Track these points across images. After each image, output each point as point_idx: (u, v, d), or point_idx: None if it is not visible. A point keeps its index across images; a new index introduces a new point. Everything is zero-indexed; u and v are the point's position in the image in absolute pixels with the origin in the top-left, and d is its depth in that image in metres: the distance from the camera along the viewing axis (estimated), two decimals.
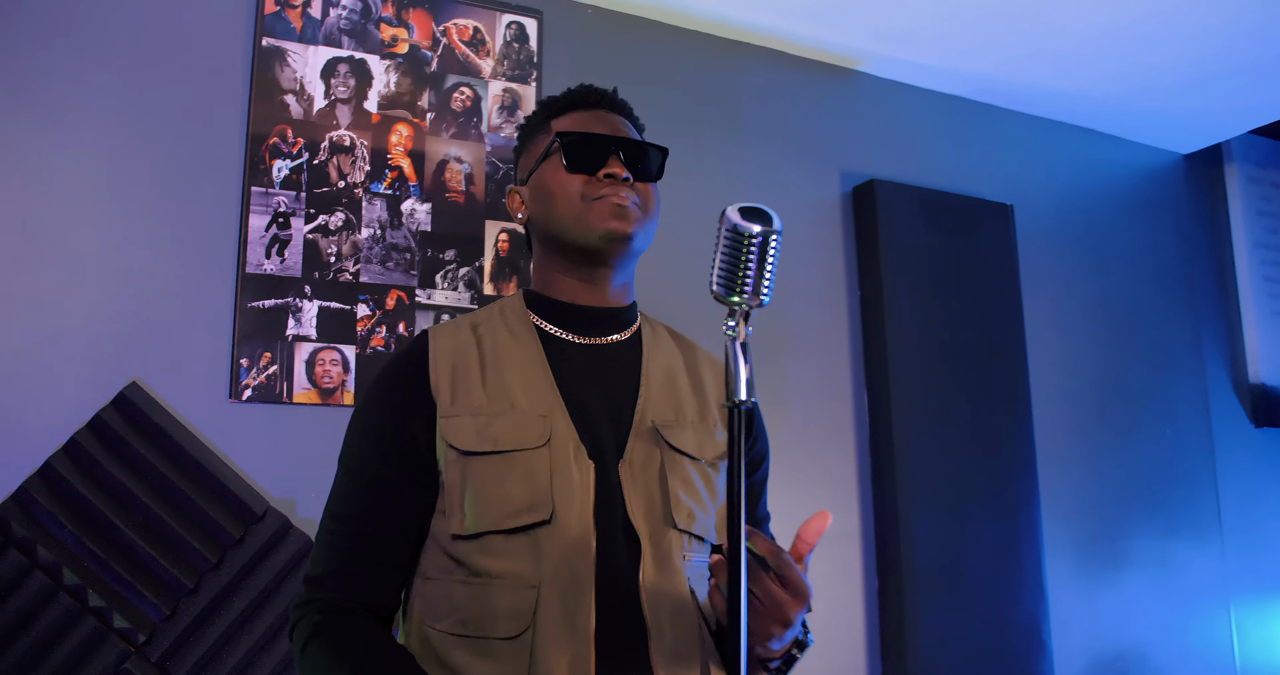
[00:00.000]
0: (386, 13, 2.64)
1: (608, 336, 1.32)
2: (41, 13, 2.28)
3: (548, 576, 1.15)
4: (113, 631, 2.11)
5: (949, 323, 3.29)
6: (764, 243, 0.98)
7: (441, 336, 1.28)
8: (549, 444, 1.20)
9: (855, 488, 3.16)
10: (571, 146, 1.28)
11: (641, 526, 1.19)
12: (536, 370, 1.26)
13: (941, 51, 3.28)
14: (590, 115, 1.34)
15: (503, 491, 1.17)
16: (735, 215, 0.98)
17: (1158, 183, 4.05)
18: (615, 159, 1.27)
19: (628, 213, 1.25)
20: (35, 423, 2.13)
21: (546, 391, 1.24)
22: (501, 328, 1.31)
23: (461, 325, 1.31)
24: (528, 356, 1.27)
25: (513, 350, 1.27)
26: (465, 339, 1.28)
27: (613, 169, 1.26)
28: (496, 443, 1.19)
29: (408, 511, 1.22)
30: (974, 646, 3.11)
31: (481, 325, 1.31)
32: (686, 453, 1.27)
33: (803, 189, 3.26)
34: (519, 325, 1.31)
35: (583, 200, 1.26)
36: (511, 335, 1.29)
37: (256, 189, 2.41)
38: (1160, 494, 3.77)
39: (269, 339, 2.37)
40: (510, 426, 1.20)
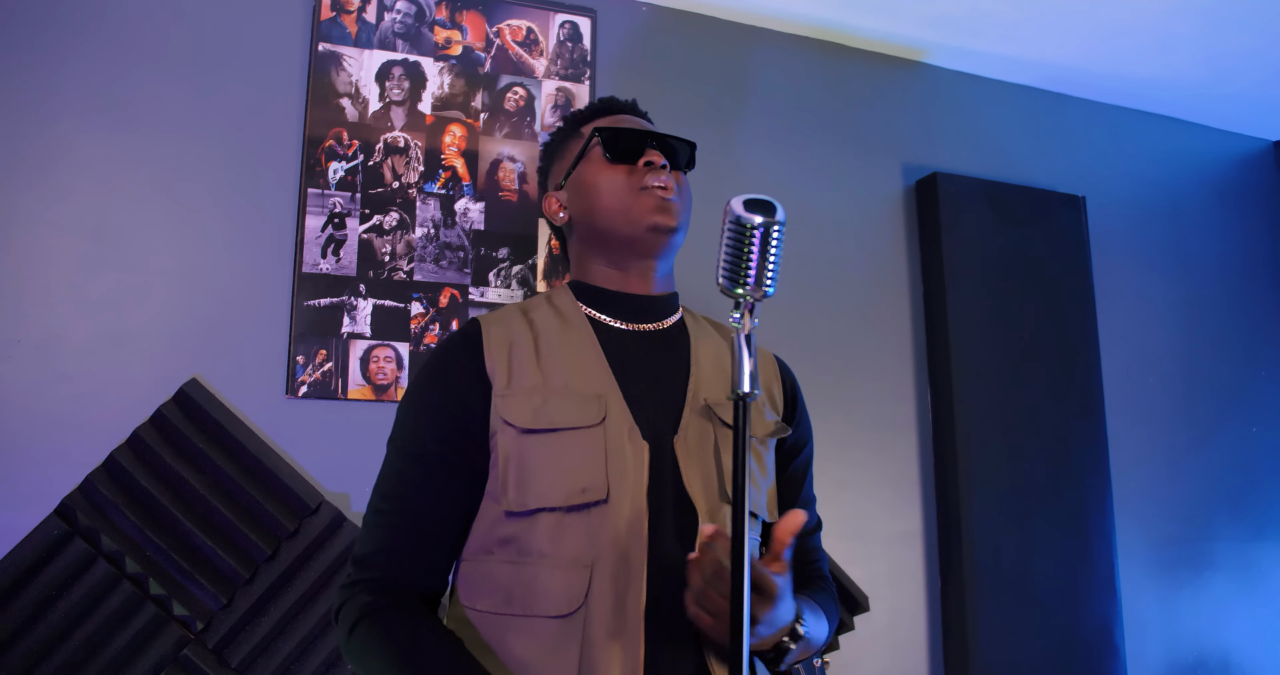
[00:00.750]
0: (440, 15, 2.65)
1: (656, 323, 1.35)
2: (109, 27, 2.35)
3: (601, 556, 1.15)
4: (172, 618, 2.17)
5: (1016, 318, 3.18)
6: (766, 233, 0.96)
7: (494, 322, 1.30)
8: (603, 423, 1.21)
9: (918, 487, 3.07)
10: (610, 139, 1.33)
11: (700, 502, 1.20)
12: (589, 353, 1.27)
13: (1008, 39, 3.17)
14: (617, 119, 1.41)
15: (559, 469, 1.18)
16: (738, 206, 0.96)
17: (1246, 171, 3.85)
18: (652, 149, 1.32)
19: (670, 206, 1.30)
20: (100, 417, 2.20)
21: (600, 373, 1.25)
22: (552, 315, 1.33)
23: (512, 312, 1.33)
24: (580, 340, 1.29)
25: (565, 335, 1.29)
26: (518, 324, 1.30)
27: (651, 157, 1.31)
28: (552, 421, 1.20)
29: (459, 492, 1.22)
30: (1041, 650, 2.99)
31: (532, 312, 1.34)
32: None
33: (864, 183, 3.18)
34: (570, 312, 1.33)
35: (628, 192, 1.30)
36: (562, 321, 1.31)
37: (313, 191, 2.45)
38: (1247, 494, 3.58)
39: (325, 336, 2.41)
40: (565, 406, 1.21)
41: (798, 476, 1.44)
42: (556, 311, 1.33)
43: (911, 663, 2.97)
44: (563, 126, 1.46)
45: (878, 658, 2.91)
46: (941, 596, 3.02)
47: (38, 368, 2.19)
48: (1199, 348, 3.60)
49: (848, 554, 2.90)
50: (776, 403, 1.40)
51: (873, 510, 3.00)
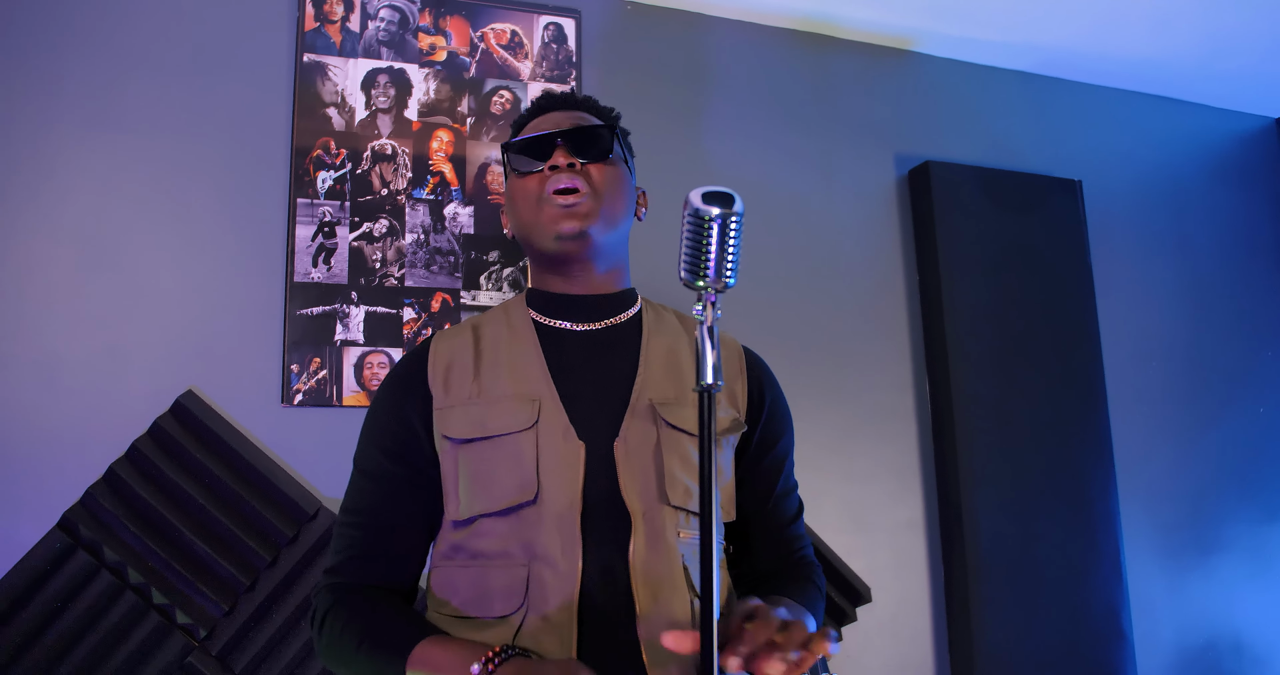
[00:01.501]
0: (424, 22, 2.65)
1: (604, 321, 1.34)
2: (96, 39, 2.36)
3: (536, 555, 1.17)
4: (176, 627, 2.19)
5: (1013, 305, 3.15)
6: (724, 224, 0.95)
7: (442, 339, 1.33)
8: (536, 426, 1.22)
9: (918, 477, 3.06)
10: (514, 151, 1.30)
11: (635, 504, 1.19)
12: (529, 358, 1.28)
13: (998, 24, 3.13)
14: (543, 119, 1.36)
15: (492, 475, 1.21)
16: (696, 199, 0.96)
17: (1247, 149, 3.79)
18: (559, 149, 1.28)
19: (575, 211, 1.26)
20: (98, 431, 2.22)
21: (537, 377, 1.26)
22: (502, 326, 1.33)
23: (464, 327, 1.35)
24: (522, 347, 1.30)
25: (510, 343, 1.30)
26: (464, 339, 1.32)
27: (555, 160, 1.27)
28: (484, 428, 1.22)
29: (414, 503, 1.27)
30: (1047, 637, 2.97)
31: (484, 325, 1.34)
32: (685, 430, 1.26)
33: (857, 175, 3.16)
34: (518, 321, 1.33)
35: (535, 203, 1.28)
36: (510, 330, 1.32)
37: (302, 200, 2.46)
38: (1255, 475, 3.54)
39: (318, 345, 2.42)
40: (499, 412, 1.23)
41: (774, 469, 1.40)
42: (508, 322, 1.34)
43: (916, 652, 2.95)
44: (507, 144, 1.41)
45: (882, 648, 2.90)
46: (945, 585, 3.00)
47: (35, 383, 2.22)
48: (1202, 330, 3.55)
49: (850, 545, 2.89)
50: (738, 399, 1.37)
51: (874, 500, 2.99)
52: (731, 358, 1.40)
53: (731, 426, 1.33)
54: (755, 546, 1.40)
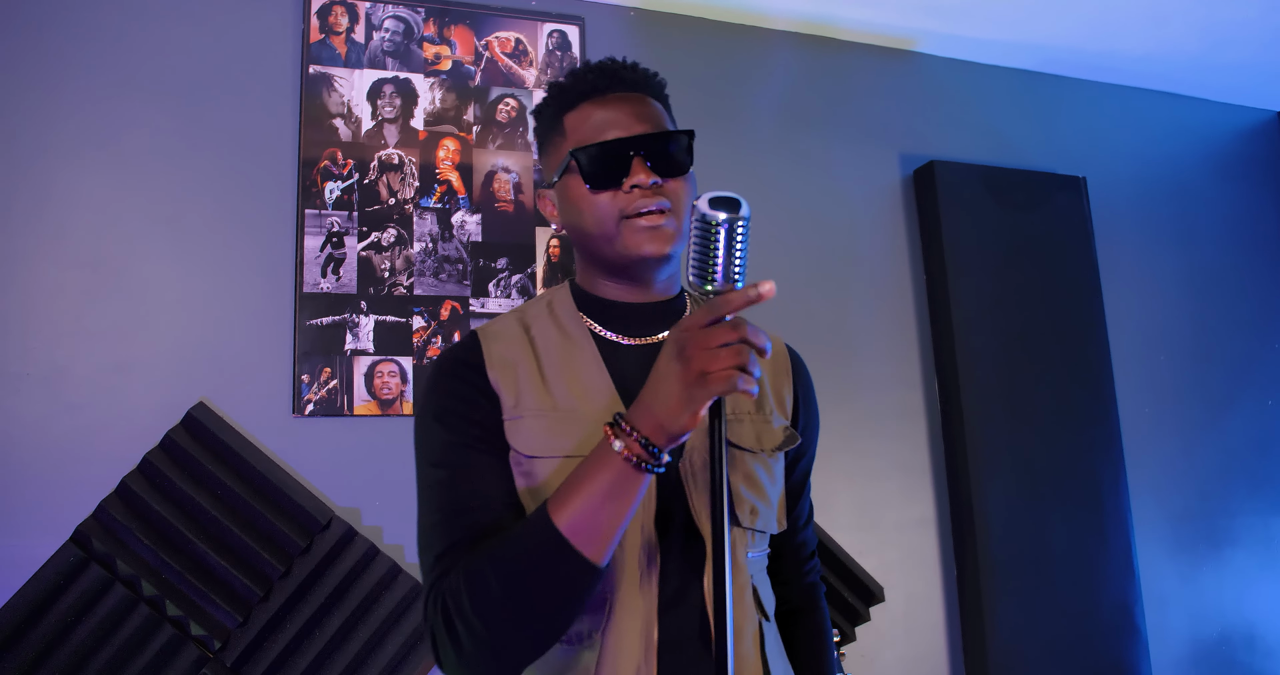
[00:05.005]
0: (429, 32, 2.56)
1: (658, 334, 1.20)
2: (100, 60, 2.29)
3: (616, 588, 1.07)
4: (190, 639, 2.11)
5: (1020, 302, 3.04)
6: (730, 229, 0.91)
7: (493, 338, 1.17)
8: None
9: (929, 474, 2.95)
10: (589, 162, 1.11)
11: (705, 528, 1.09)
12: (595, 373, 1.15)
13: (1001, 24, 3.02)
14: (604, 106, 1.15)
15: None
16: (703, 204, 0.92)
17: (1249, 143, 3.66)
18: (639, 162, 1.10)
19: (661, 233, 1.10)
20: (110, 445, 2.15)
21: (607, 395, 1.13)
22: (552, 327, 1.19)
23: (512, 325, 1.19)
24: (584, 359, 1.16)
25: (568, 351, 1.17)
26: (519, 340, 1.17)
27: (637, 178, 1.09)
28: (563, 448, 1.09)
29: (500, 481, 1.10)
30: (1059, 631, 2.87)
31: (534, 326, 1.19)
32: (745, 447, 1.16)
33: (862, 175, 3.05)
34: (571, 325, 1.19)
35: (613, 221, 1.11)
36: (564, 335, 1.18)
37: (310, 211, 2.38)
38: (1263, 468, 3.42)
39: (328, 355, 2.34)
40: (574, 431, 1.10)
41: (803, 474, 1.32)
42: (557, 323, 1.19)
43: (929, 649, 2.85)
44: (544, 108, 1.22)
45: (895, 646, 2.80)
46: (957, 582, 2.90)
47: (47, 399, 2.14)
48: (1208, 323, 3.43)
49: (861, 543, 2.79)
50: (785, 405, 1.26)
51: (885, 498, 2.89)
52: (778, 358, 1.28)
53: (785, 440, 1.22)
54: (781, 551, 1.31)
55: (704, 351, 0.87)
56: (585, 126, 1.14)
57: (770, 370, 1.26)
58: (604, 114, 1.14)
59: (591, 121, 1.14)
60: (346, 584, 2.24)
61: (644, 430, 0.92)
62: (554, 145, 1.19)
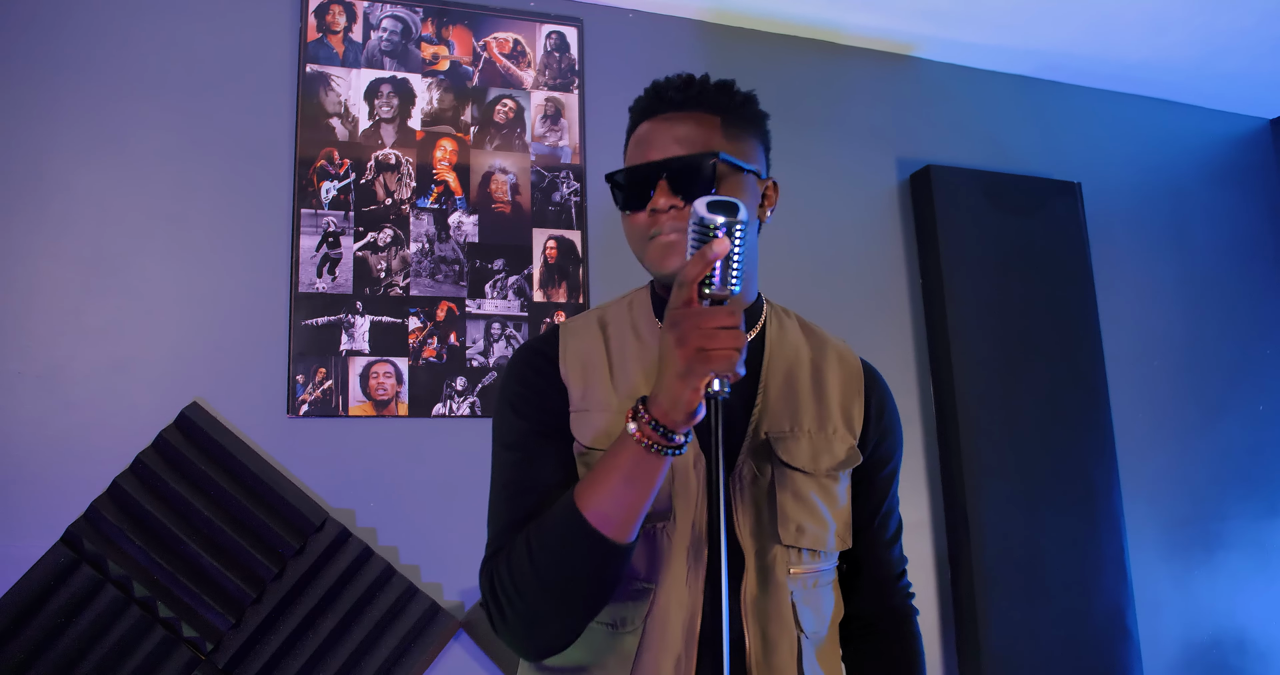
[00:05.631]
0: (427, 32, 2.53)
1: None
2: (96, 59, 2.25)
3: (661, 580, 1.10)
4: (182, 640, 2.07)
5: (1016, 307, 3.02)
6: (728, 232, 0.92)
7: (572, 334, 1.23)
8: None
9: (923, 479, 2.93)
10: (619, 188, 1.17)
11: (747, 542, 1.13)
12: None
13: (998, 30, 3.00)
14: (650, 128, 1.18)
15: None
16: (701, 208, 0.92)
17: (1243, 150, 3.65)
18: (662, 186, 1.12)
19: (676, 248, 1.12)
20: (103, 444, 2.11)
21: None
22: (629, 329, 1.23)
23: (591, 323, 1.25)
24: (653, 359, 1.19)
25: (639, 351, 1.20)
26: (594, 338, 1.22)
27: (657, 202, 1.12)
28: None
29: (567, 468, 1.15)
30: (1053, 635, 2.84)
31: (611, 325, 1.24)
32: (798, 468, 1.17)
33: (860, 179, 3.03)
34: (645, 328, 1.23)
35: (641, 241, 1.15)
36: (638, 337, 1.22)
37: (306, 211, 2.34)
38: (1256, 472, 3.40)
39: (324, 355, 2.31)
40: None
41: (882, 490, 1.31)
42: (634, 325, 1.23)
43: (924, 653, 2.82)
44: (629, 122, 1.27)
45: None
46: (952, 586, 2.87)
47: (40, 398, 2.10)
48: (1202, 328, 3.42)
49: None
50: (853, 422, 1.26)
51: None
52: (851, 374, 1.29)
53: (847, 459, 1.22)
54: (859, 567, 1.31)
55: (700, 331, 0.91)
56: (633, 148, 1.20)
57: (840, 385, 1.27)
58: (650, 135, 1.17)
59: (638, 143, 1.19)
60: (340, 586, 2.20)
61: (654, 413, 0.95)
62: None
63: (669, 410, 0.94)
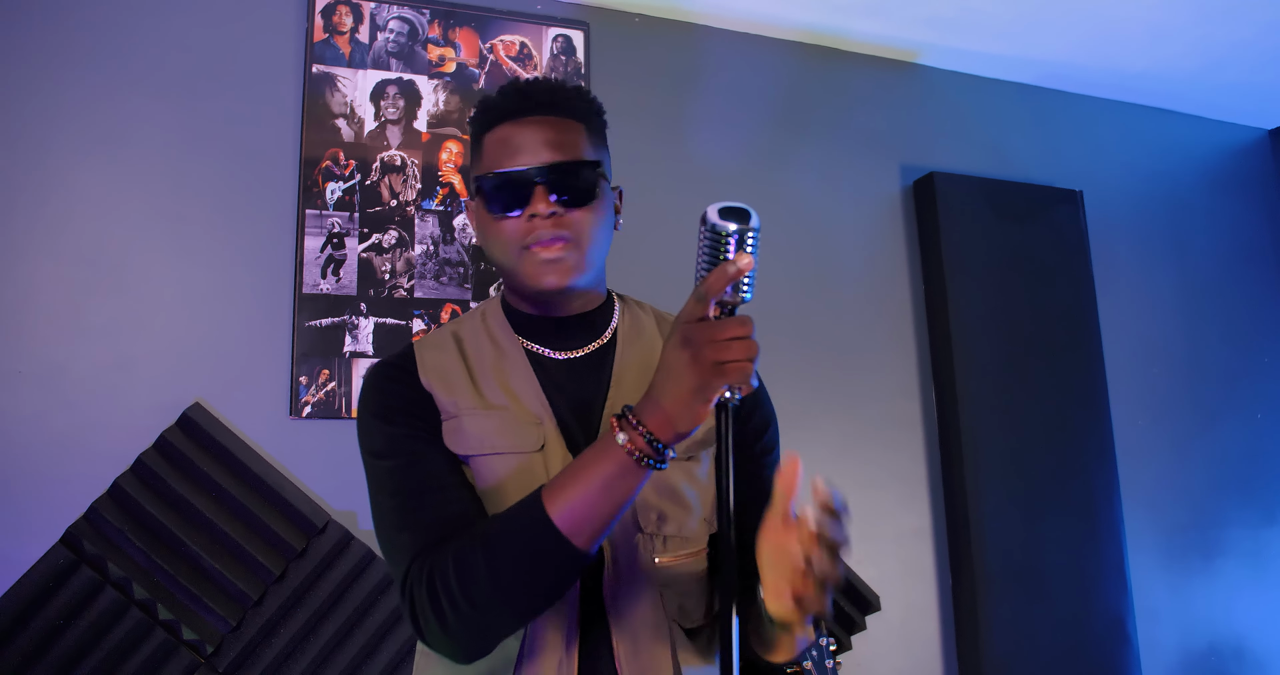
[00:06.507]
0: (433, 33, 2.50)
1: (583, 347, 1.17)
2: (102, 55, 2.21)
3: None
4: (182, 643, 2.03)
5: (1017, 313, 2.99)
6: (740, 239, 0.88)
7: (427, 348, 1.16)
8: (544, 450, 1.09)
9: (925, 485, 2.89)
10: (492, 190, 1.09)
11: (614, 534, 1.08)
12: (524, 381, 1.13)
13: (1001, 38, 2.97)
14: (518, 129, 1.11)
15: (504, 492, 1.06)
16: (713, 214, 0.89)
17: (1242, 160, 3.63)
18: (541, 191, 1.07)
19: (560, 266, 1.07)
20: (104, 445, 2.06)
21: (536, 401, 1.12)
22: (485, 338, 1.17)
23: (445, 337, 1.18)
24: (515, 368, 1.14)
25: (499, 361, 1.15)
26: (450, 350, 1.16)
27: (536, 207, 1.06)
28: (494, 445, 1.08)
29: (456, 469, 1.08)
30: (1053, 642, 2.81)
31: (466, 339, 1.17)
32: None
33: (863, 186, 3.00)
34: (502, 336, 1.17)
35: (514, 249, 1.09)
36: (496, 346, 1.16)
37: (311, 211, 2.30)
38: (1254, 479, 3.37)
39: (327, 356, 2.26)
40: (508, 428, 1.09)
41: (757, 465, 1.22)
42: (490, 334, 1.17)
43: (925, 659, 2.79)
44: (472, 124, 1.19)
45: (891, 656, 2.74)
46: (953, 592, 2.84)
47: (40, 397, 2.06)
48: (1201, 336, 3.39)
49: (859, 553, 2.72)
50: None
51: (882, 508, 2.83)
52: None
53: (704, 438, 1.15)
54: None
55: (715, 343, 0.86)
56: (497, 150, 1.11)
57: None
58: (517, 138, 1.10)
59: (503, 145, 1.11)
60: (342, 589, 2.16)
61: (650, 425, 0.90)
62: (473, 164, 1.18)
63: (673, 423, 0.89)
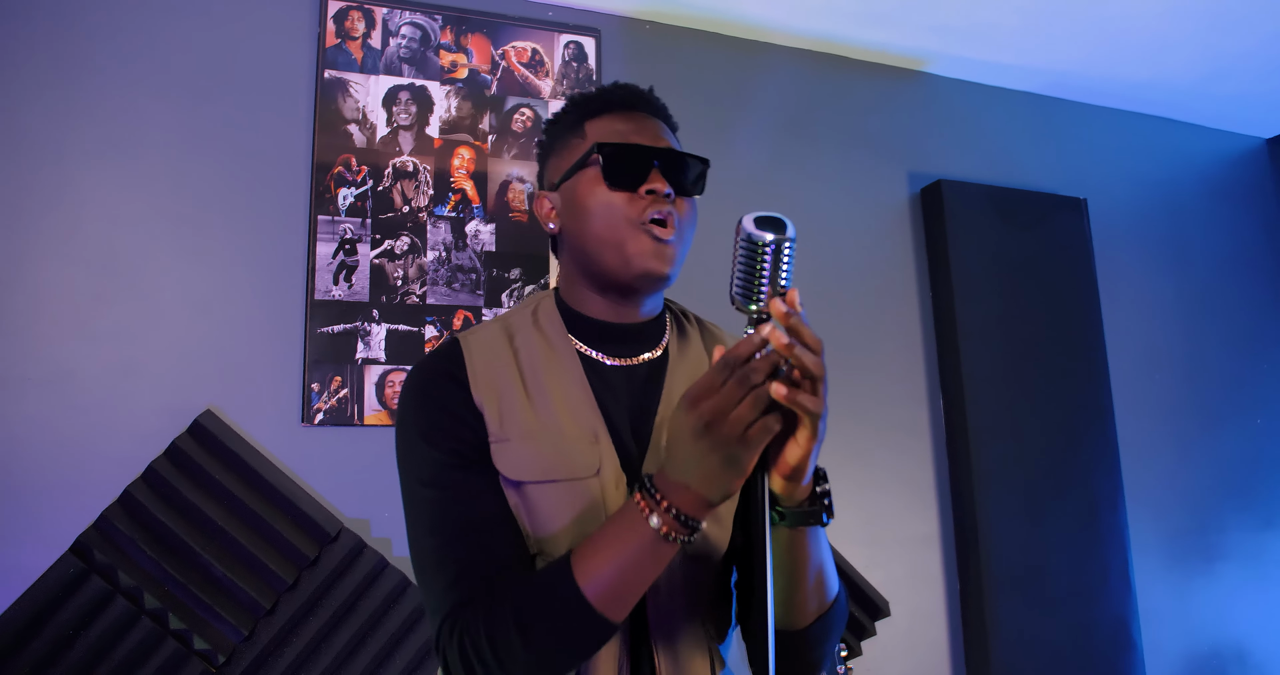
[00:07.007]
0: (446, 39, 2.47)
1: (638, 356, 1.13)
2: (113, 60, 2.17)
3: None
4: (194, 653, 1.99)
5: (1023, 319, 2.98)
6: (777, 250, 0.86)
7: (478, 350, 1.08)
8: (599, 473, 1.04)
9: (933, 490, 2.88)
10: (611, 159, 1.07)
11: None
12: (579, 391, 1.07)
13: (1008, 48, 2.96)
14: (628, 120, 1.11)
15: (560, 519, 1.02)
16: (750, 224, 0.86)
17: (1241, 169, 3.63)
18: (657, 173, 1.06)
19: (666, 252, 1.05)
20: (114, 452, 2.02)
21: (591, 415, 1.06)
22: (538, 340, 1.11)
23: (496, 335, 1.11)
24: (569, 375, 1.08)
25: (552, 367, 1.09)
26: (502, 351, 1.09)
27: (654, 184, 1.05)
28: (548, 472, 1.02)
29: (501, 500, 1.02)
30: (1059, 645, 2.79)
31: (518, 336, 1.11)
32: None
33: (871, 193, 2.98)
34: (557, 339, 1.11)
35: (625, 224, 1.05)
36: (550, 349, 1.10)
37: (323, 217, 2.27)
38: (1254, 484, 3.37)
39: (339, 363, 2.23)
40: (562, 453, 1.03)
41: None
42: (543, 336, 1.11)
43: (933, 664, 2.77)
44: (564, 114, 1.17)
45: (900, 660, 2.72)
46: (960, 597, 2.82)
47: (50, 403, 2.02)
48: (1201, 342, 3.39)
49: (867, 558, 2.70)
50: None
51: (890, 514, 2.81)
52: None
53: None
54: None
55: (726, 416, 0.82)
56: (609, 131, 1.11)
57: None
58: (629, 125, 1.11)
59: (616, 128, 1.11)
60: (355, 598, 2.12)
61: (683, 506, 0.87)
62: (569, 147, 1.13)
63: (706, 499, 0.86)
